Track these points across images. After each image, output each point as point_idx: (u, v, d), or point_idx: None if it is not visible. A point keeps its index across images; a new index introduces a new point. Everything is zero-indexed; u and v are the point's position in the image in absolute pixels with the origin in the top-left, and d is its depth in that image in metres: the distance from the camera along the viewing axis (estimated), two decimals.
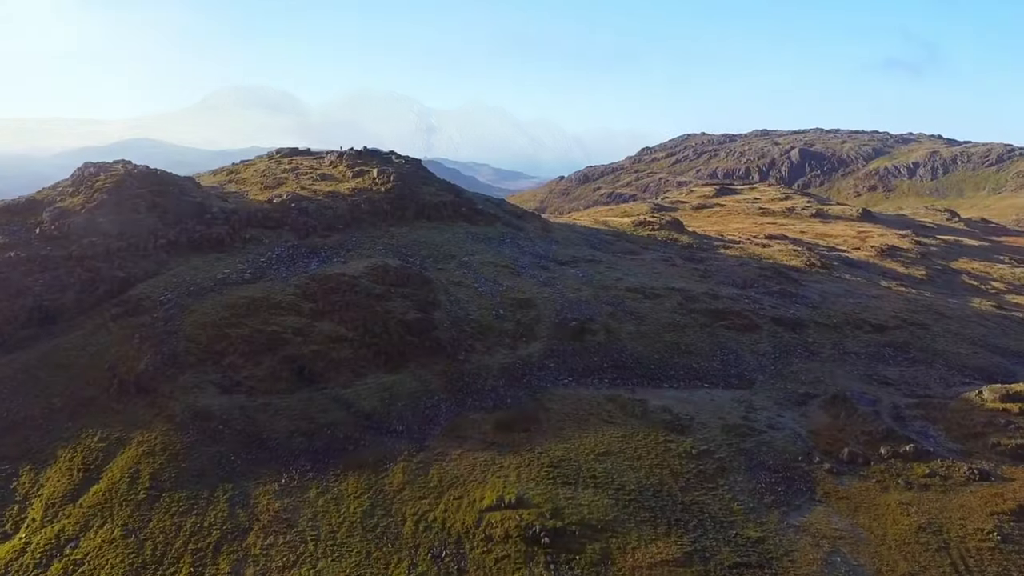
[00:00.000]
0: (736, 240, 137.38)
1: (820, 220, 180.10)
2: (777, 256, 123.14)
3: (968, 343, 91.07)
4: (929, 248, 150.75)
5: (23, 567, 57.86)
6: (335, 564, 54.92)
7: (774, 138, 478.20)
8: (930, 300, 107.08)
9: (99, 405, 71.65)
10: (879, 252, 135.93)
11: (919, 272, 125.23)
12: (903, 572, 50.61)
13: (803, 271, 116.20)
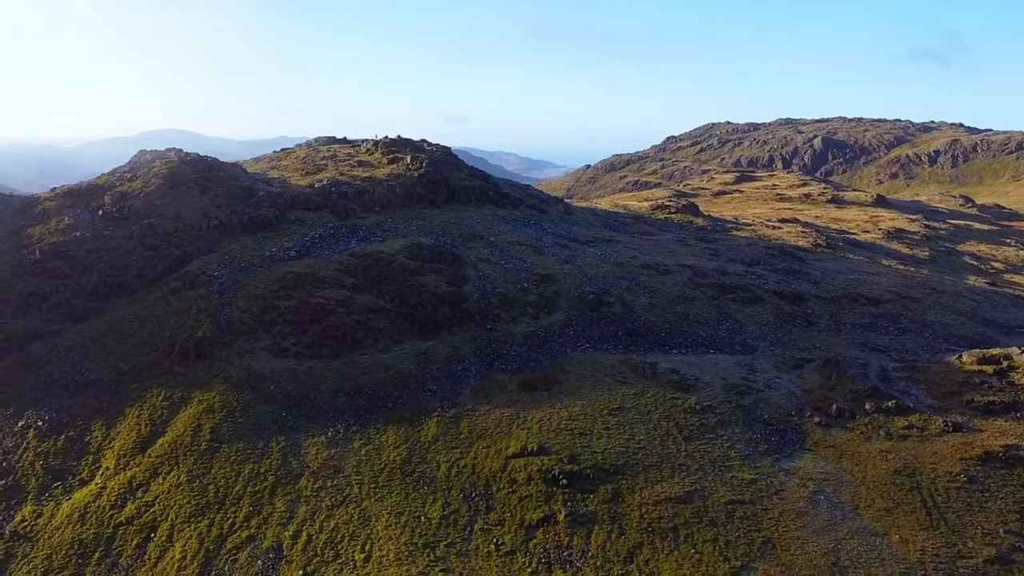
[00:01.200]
0: (748, 223, 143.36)
1: (835, 205, 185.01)
2: (786, 237, 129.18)
3: (956, 315, 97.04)
4: (937, 231, 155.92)
5: (100, 508, 65.26)
6: (378, 503, 61.94)
7: (797, 126, 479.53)
8: (926, 277, 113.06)
9: (162, 368, 79.17)
10: (886, 234, 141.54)
11: (923, 253, 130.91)
12: (879, 507, 57.09)
13: (809, 251, 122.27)
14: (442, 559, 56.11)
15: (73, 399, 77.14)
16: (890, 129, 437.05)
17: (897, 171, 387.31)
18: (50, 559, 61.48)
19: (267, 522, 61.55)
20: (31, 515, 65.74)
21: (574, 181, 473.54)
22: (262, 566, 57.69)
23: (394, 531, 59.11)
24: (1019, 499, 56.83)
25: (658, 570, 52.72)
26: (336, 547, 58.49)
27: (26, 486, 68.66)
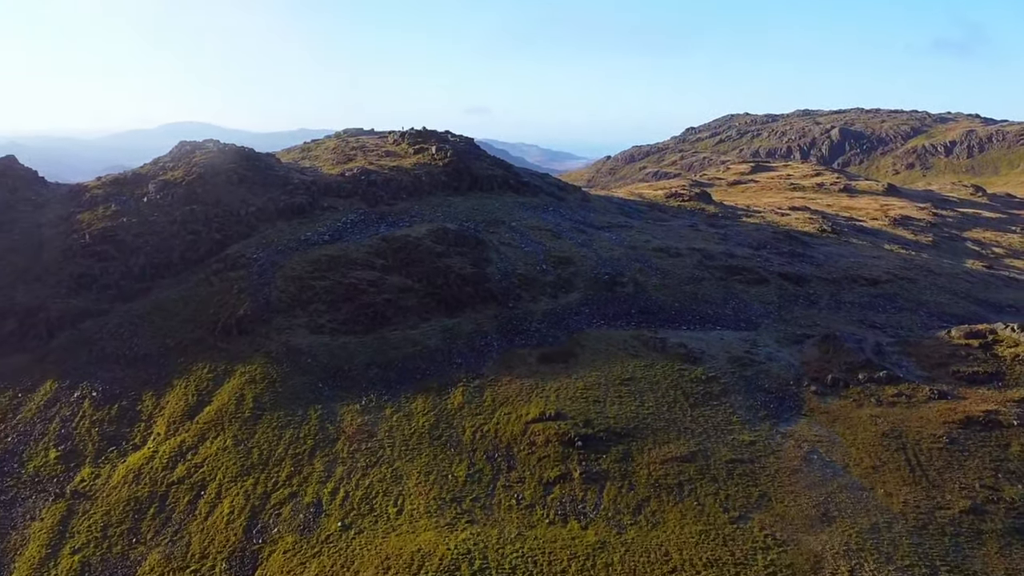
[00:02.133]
0: (758, 210, 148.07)
1: (847, 194, 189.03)
2: (793, 223, 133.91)
3: (951, 295, 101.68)
4: (945, 219, 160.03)
5: (153, 469, 70.89)
6: (408, 464, 67.31)
7: (815, 118, 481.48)
8: (925, 260, 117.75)
9: (206, 344, 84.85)
10: (892, 221, 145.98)
11: (926, 238, 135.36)
12: (866, 465, 62.05)
13: (814, 236, 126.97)
14: (468, 512, 61.39)
15: (124, 372, 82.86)
16: (907, 120, 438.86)
17: (914, 161, 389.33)
18: (109, 514, 67.06)
19: (307, 481, 66.98)
20: (89, 476, 71.36)
21: (594, 172, 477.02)
22: (304, 519, 63.07)
23: (424, 488, 64.45)
24: (995, 458, 61.78)
25: (664, 520, 57.85)
26: (371, 502, 63.83)
27: (83, 450, 74.31)
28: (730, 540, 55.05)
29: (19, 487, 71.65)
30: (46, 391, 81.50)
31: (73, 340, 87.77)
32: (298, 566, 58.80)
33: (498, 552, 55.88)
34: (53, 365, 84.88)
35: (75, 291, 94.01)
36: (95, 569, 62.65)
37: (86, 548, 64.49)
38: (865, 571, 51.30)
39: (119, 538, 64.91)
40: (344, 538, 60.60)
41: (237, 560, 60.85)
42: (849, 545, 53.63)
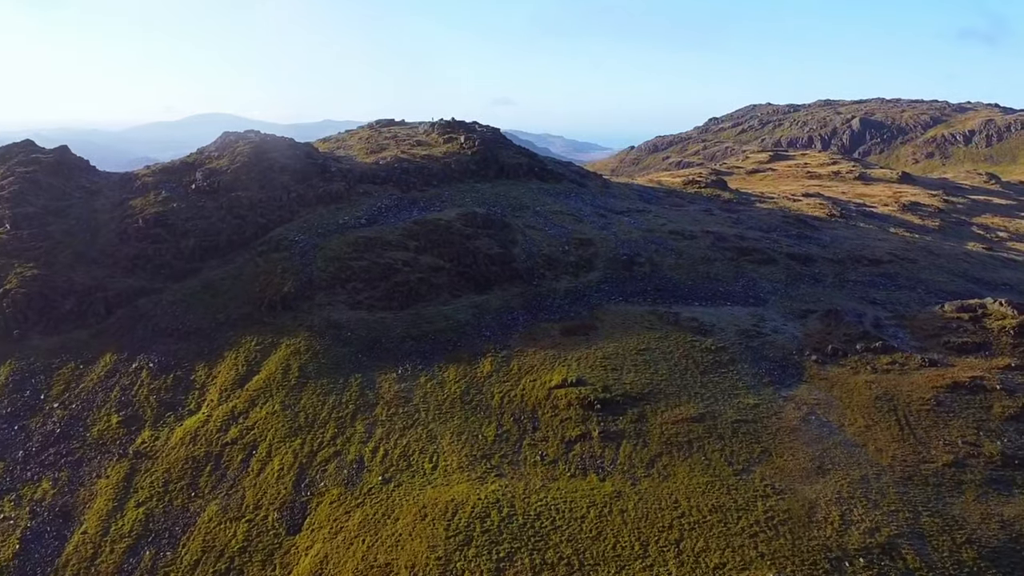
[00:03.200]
0: (772, 196, 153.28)
1: (862, 182, 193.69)
2: (804, 208, 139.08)
3: (949, 274, 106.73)
4: (955, 205, 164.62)
5: (208, 432, 77.00)
6: (442, 425, 73.18)
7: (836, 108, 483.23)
8: (927, 243, 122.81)
9: (253, 319, 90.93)
10: (901, 207, 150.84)
11: (933, 223, 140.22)
12: (860, 425, 67.48)
13: (823, 220, 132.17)
14: (496, 467, 67.18)
15: (178, 345, 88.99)
16: (926, 110, 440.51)
17: (933, 151, 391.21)
18: (169, 472, 73.16)
19: (350, 441, 72.93)
20: (149, 438, 77.50)
21: (618, 162, 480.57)
22: (347, 474, 68.99)
23: (456, 446, 70.29)
24: (978, 418, 67.17)
25: (674, 473, 63.48)
26: (408, 459, 69.71)
27: (143, 416, 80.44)
28: (733, 490, 60.58)
29: (85, 449, 77.78)
30: (106, 363, 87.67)
31: (129, 316, 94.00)
32: (343, 515, 64.69)
33: (524, 501, 61.57)
34: (111, 339, 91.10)
35: (130, 271, 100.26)
36: (158, 520, 68.63)
37: (149, 501, 70.49)
38: (854, 516, 56.74)
39: (179, 492, 70.94)
40: (385, 490, 66.44)
41: (288, 510, 66.81)
42: (841, 493, 59.11)
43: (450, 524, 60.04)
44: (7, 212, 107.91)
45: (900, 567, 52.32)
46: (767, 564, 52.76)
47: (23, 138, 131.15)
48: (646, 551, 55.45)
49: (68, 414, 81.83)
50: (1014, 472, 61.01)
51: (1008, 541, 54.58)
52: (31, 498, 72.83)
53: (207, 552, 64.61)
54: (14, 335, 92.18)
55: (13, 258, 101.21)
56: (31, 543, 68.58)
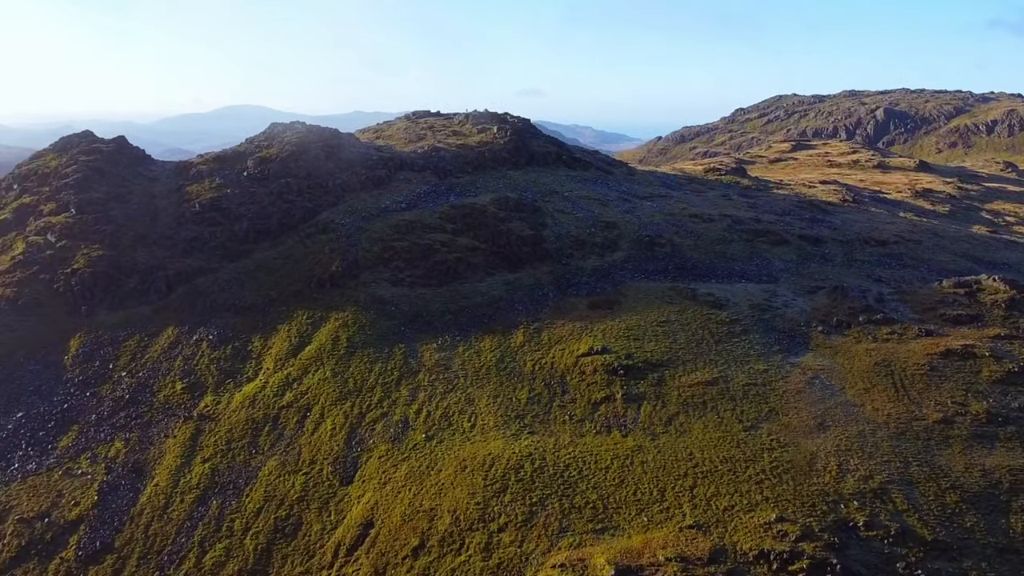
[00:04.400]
0: (789, 183, 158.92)
1: (880, 171, 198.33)
2: (818, 194, 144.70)
3: (951, 254, 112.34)
4: (968, 192, 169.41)
5: (265, 396, 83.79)
6: (479, 390, 79.71)
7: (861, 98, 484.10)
8: (933, 226, 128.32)
9: (304, 295, 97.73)
10: (914, 193, 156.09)
11: (943, 208, 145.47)
12: (859, 388, 73.51)
13: (835, 205, 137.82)
14: (528, 426, 73.63)
15: (235, 319, 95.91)
16: (950, 100, 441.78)
17: (956, 140, 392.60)
18: (231, 432, 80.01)
19: (395, 403, 79.56)
20: (212, 403, 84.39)
21: (646, 152, 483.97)
22: (394, 433, 75.61)
23: (492, 408, 76.79)
24: (967, 381, 73.18)
25: (689, 429, 69.75)
26: (449, 419, 76.26)
27: (204, 382, 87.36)
28: (743, 443, 66.80)
29: (152, 412, 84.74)
30: (168, 336, 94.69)
31: (189, 293, 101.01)
32: (391, 467, 71.32)
33: (554, 454, 67.99)
34: (173, 314, 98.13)
35: (188, 252, 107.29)
36: (223, 473, 75.45)
37: (214, 458, 77.35)
38: (851, 465, 62.86)
39: (241, 450, 77.78)
40: (428, 446, 73.03)
41: (340, 464, 73.49)
42: (839, 446, 65.23)
43: (488, 474, 66.50)
44: (72, 198, 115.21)
45: (890, 508, 58.41)
46: (771, 506, 58.91)
47: (58, 129, 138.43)
48: (663, 496, 61.74)
49: (136, 381, 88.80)
50: (997, 428, 67.01)
51: (988, 487, 60.63)
52: (106, 456, 79.74)
53: (269, 500, 71.28)
54: (82, 311, 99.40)
55: (79, 240, 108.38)
56: (108, 495, 75.39)
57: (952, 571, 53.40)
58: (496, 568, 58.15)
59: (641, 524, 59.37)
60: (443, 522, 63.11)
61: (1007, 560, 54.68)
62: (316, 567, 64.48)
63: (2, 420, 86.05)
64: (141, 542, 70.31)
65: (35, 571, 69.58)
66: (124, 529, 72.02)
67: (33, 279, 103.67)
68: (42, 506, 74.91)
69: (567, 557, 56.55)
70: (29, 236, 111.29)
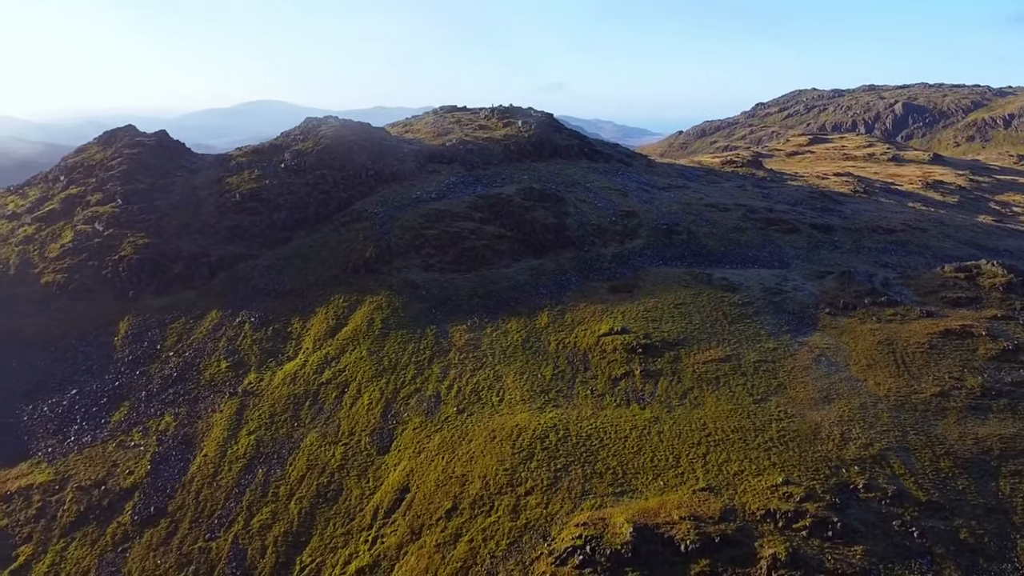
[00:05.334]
0: (803, 175, 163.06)
1: (895, 163, 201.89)
2: (831, 185, 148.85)
3: (955, 241, 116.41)
4: (979, 184, 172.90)
5: (305, 373, 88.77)
6: (506, 367, 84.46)
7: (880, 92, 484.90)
8: (940, 215, 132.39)
9: (340, 280, 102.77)
10: (925, 185, 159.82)
11: (952, 199, 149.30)
12: (863, 364, 77.90)
13: (846, 195, 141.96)
14: (553, 400, 78.30)
15: (275, 303, 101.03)
16: (968, 94, 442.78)
17: (974, 134, 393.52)
18: (274, 406, 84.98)
19: (428, 380, 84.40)
20: (255, 380, 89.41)
21: (667, 146, 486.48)
22: (427, 406, 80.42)
23: (519, 384, 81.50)
24: (964, 358, 77.52)
25: (703, 402, 74.31)
26: (479, 394, 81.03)
27: (248, 361, 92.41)
28: (752, 415, 71.30)
29: (199, 389, 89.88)
30: (212, 318, 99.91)
31: (231, 279, 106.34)
32: (424, 438, 76.13)
33: (577, 425, 72.62)
34: (216, 298, 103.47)
35: (230, 240, 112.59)
36: (267, 445, 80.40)
37: (259, 430, 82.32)
38: (852, 434, 67.28)
39: (284, 423, 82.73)
40: (459, 419, 77.80)
41: (377, 435, 78.34)
42: (842, 417, 69.66)
43: (515, 444, 71.16)
44: (119, 188, 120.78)
45: (888, 473, 62.87)
46: (777, 470, 63.43)
47: (81, 125, 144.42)
48: (678, 462, 66.33)
49: (182, 361, 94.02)
50: (991, 401, 71.34)
51: (980, 454, 65.01)
52: (156, 429, 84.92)
53: (311, 469, 76.16)
54: (130, 295, 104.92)
55: (126, 229, 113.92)
56: (160, 465, 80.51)
57: (944, 529, 57.79)
58: (524, 527, 62.69)
59: (657, 487, 63.85)
60: (474, 486, 67.71)
61: (995, 519, 59.08)
62: (356, 528, 69.17)
63: (57, 397, 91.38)
64: (192, 507, 75.15)
65: (94, 534, 74.57)
66: (176, 495, 76.91)
67: (82, 266, 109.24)
68: (98, 475, 80.00)
69: (589, 517, 60.96)
70: (77, 225, 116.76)
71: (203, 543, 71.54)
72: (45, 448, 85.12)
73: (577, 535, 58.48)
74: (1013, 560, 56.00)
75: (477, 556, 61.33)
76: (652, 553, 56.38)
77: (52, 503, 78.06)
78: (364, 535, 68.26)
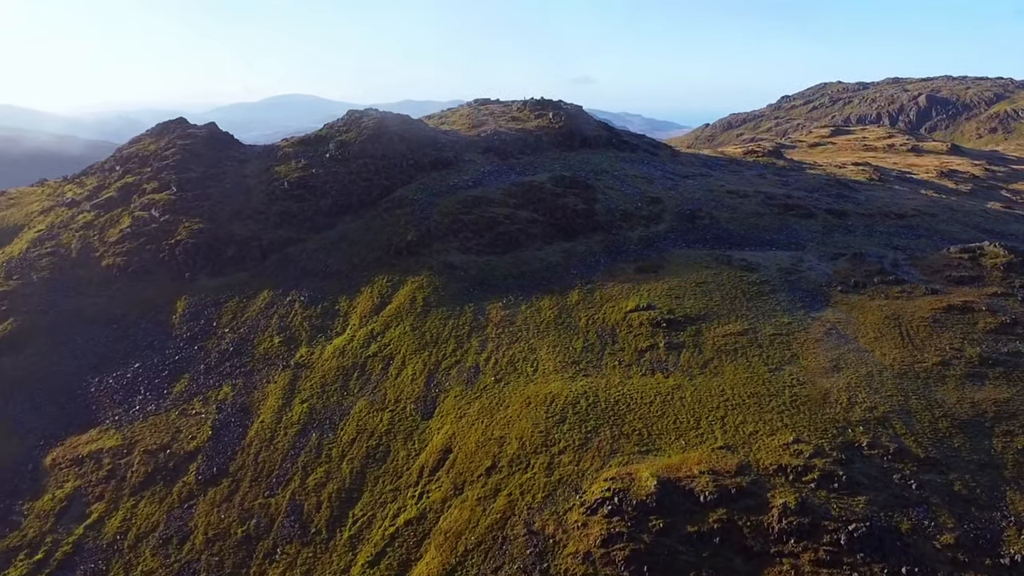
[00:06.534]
0: (821, 164, 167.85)
1: (914, 154, 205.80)
2: (847, 174, 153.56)
3: (963, 226, 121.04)
4: (994, 173, 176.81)
5: (353, 347, 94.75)
6: (540, 340, 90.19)
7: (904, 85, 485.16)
8: (950, 201, 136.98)
9: (383, 262, 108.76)
10: (939, 174, 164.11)
11: (965, 187, 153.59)
12: (871, 337, 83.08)
13: (862, 183, 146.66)
14: (584, 370, 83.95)
15: (323, 283, 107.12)
16: (990, 87, 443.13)
17: (996, 126, 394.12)
18: (324, 377, 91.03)
19: (467, 353, 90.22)
20: (306, 353, 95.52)
21: (693, 139, 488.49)
22: (467, 377, 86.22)
23: (552, 356, 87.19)
24: (964, 331, 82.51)
25: (722, 371, 79.79)
26: (514, 365, 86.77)
27: (299, 337, 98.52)
28: (767, 382, 76.68)
29: (254, 362, 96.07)
30: (264, 297, 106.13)
31: (281, 261, 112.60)
32: (465, 404, 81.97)
33: (605, 392, 78.17)
34: (267, 279, 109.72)
35: (279, 225, 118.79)
36: (319, 412, 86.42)
37: (311, 399, 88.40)
38: (859, 399, 72.51)
39: (334, 392, 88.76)
40: (497, 387, 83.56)
41: (421, 402, 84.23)
42: (850, 384, 74.91)
43: (549, 409, 76.77)
44: (173, 177, 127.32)
45: (890, 432, 68.17)
46: (789, 431, 68.81)
47: (114, 118, 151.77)
48: (698, 424, 71.85)
49: (237, 337, 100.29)
50: (987, 369, 76.40)
51: (975, 416, 70.17)
52: (216, 398, 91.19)
53: (360, 433, 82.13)
54: (186, 277, 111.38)
55: (181, 215, 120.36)
56: (220, 430, 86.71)
57: (940, 482, 63.09)
58: (557, 482, 68.31)
59: (679, 447, 69.34)
60: (511, 447, 73.38)
61: (987, 473, 64.28)
62: (404, 485, 75.03)
63: (121, 370, 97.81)
64: (252, 468, 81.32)
65: (161, 492, 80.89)
66: (236, 457, 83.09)
67: (140, 249, 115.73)
68: (163, 440, 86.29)
69: (617, 472, 66.47)
70: (134, 211, 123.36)
71: (263, 499, 77.49)
72: (112, 416, 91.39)
73: (606, 488, 63.90)
74: (1003, 509, 61.18)
75: (515, 508, 66.90)
76: (674, 503, 61.83)
77: (121, 465, 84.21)
78: (411, 491, 73.97)
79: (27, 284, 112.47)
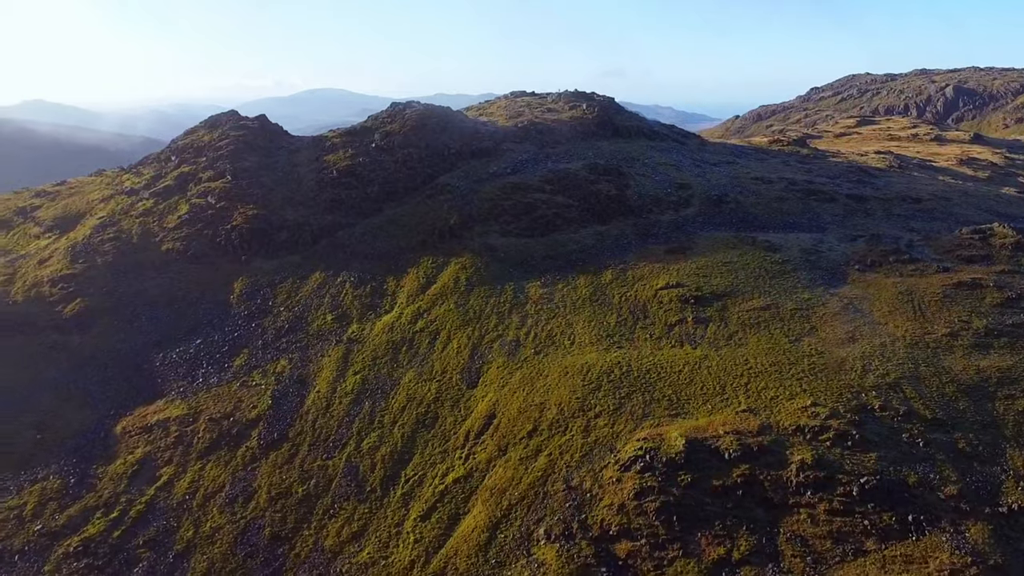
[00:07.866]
0: (844, 152, 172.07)
1: (937, 143, 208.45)
2: (869, 162, 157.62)
3: (977, 209, 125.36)
4: (1014, 161, 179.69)
5: (401, 323, 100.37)
6: (575, 316, 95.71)
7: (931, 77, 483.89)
8: (966, 187, 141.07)
9: (428, 245, 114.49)
10: (959, 161, 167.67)
11: (983, 174, 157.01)
12: (885, 311, 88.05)
13: (882, 170, 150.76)
14: (617, 343, 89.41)
15: (371, 264, 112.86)
16: (1016, 77, 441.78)
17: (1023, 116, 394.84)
18: (375, 351, 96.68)
19: (508, 328, 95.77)
20: (357, 329, 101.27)
21: (724, 131, 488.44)
22: (508, 349, 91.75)
23: (587, 330, 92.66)
24: (973, 305, 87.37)
25: (745, 343, 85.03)
26: (553, 339, 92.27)
27: (350, 314, 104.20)
28: (788, 352, 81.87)
29: (309, 338, 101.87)
30: (316, 278, 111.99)
31: (331, 244, 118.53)
32: (507, 374, 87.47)
33: (637, 362, 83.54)
34: (319, 261, 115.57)
35: (329, 210, 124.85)
36: (371, 382, 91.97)
37: (363, 371, 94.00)
38: (872, 367, 77.58)
39: (384, 364, 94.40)
40: (536, 358, 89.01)
41: (466, 373, 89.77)
42: (864, 353, 79.98)
43: (585, 378, 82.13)
44: (228, 166, 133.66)
45: (900, 396, 73.25)
46: (807, 395, 74.00)
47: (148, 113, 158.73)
48: (724, 390, 77.14)
49: (292, 315, 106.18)
50: (993, 340, 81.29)
51: (980, 381, 75.12)
52: (274, 371, 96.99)
53: (410, 401, 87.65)
54: (242, 259, 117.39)
55: (236, 201, 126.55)
56: (279, 400, 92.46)
57: (945, 440, 68.17)
58: (593, 443, 73.71)
59: (706, 410, 74.55)
60: (551, 412, 78.77)
61: (989, 432, 69.28)
62: (451, 448, 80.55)
63: (184, 346, 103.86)
64: (310, 433, 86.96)
65: (226, 456, 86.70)
66: (295, 424, 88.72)
67: (198, 234, 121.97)
68: (226, 409, 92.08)
69: (648, 433, 71.79)
70: (192, 199, 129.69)
71: (321, 462, 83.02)
72: (177, 388, 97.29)
73: (638, 447, 69.24)
74: (1003, 464, 66.24)
75: (555, 466, 72.39)
76: (701, 460, 67.20)
77: (188, 433, 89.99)
78: (458, 453, 79.36)
79: (92, 267, 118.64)
